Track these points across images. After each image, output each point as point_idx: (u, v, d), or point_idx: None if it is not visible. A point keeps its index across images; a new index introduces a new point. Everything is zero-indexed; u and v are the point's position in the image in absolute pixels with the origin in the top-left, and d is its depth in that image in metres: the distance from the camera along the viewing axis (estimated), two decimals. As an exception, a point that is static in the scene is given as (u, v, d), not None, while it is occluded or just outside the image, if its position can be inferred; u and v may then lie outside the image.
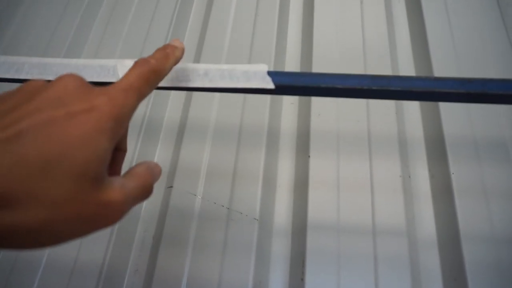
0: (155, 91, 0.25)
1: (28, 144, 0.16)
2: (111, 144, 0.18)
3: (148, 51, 0.59)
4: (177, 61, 0.26)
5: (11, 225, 0.15)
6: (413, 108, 0.53)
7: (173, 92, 0.57)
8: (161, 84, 0.28)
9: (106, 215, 0.18)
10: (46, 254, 0.45)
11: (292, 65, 0.59)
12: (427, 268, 0.43)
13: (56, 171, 0.16)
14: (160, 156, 0.53)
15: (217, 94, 0.54)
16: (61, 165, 0.16)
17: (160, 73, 0.23)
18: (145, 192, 0.21)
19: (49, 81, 0.19)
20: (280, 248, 0.46)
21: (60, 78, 0.19)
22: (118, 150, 0.24)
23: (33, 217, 0.15)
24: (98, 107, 0.18)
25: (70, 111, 0.17)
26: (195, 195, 0.47)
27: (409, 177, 0.48)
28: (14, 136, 0.16)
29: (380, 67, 0.54)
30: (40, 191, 0.16)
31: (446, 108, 0.49)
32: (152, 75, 0.22)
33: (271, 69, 0.29)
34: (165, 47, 0.25)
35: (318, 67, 0.55)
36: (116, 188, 0.18)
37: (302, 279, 0.42)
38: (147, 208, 0.50)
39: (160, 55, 0.24)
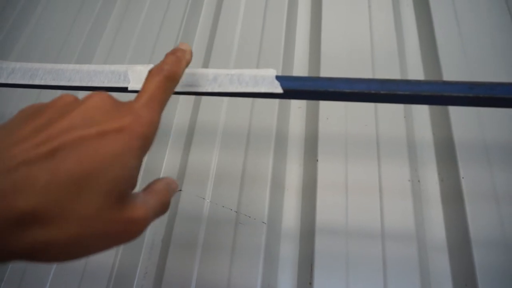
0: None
1: (62, 162, 0.16)
2: (139, 161, 0.19)
3: (157, 57, 0.60)
4: (187, 64, 0.26)
5: (44, 241, 0.16)
6: (422, 111, 0.53)
7: (181, 96, 0.57)
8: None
9: (130, 231, 0.18)
10: (57, 257, 0.45)
11: (300, 69, 0.59)
12: (437, 273, 0.42)
13: (86, 189, 0.16)
14: (169, 160, 0.53)
15: (225, 98, 0.54)
16: (91, 183, 0.16)
17: (175, 79, 0.23)
18: (164, 208, 0.22)
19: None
20: (289, 252, 0.46)
21: (90, 96, 0.19)
22: None
23: (64, 233, 0.16)
24: (127, 127, 0.18)
25: (101, 131, 0.18)
26: (204, 198, 0.47)
27: (418, 181, 0.47)
28: (49, 154, 0.16)
29: (389, 71, 0.54)
30: (71, 209, 0.16)
31: (455, 112, 0.49)
32: (168, 83, 0.22)
33: (279, 74, 0.30)
34: (174, 51, 0.25)
35: (326, 72, 0.55)
36: (139, 205, 0.19)
37: (311, 283, 0.42)
38: (157, 211, 0.50)
39: (172, 60, 0.24)
